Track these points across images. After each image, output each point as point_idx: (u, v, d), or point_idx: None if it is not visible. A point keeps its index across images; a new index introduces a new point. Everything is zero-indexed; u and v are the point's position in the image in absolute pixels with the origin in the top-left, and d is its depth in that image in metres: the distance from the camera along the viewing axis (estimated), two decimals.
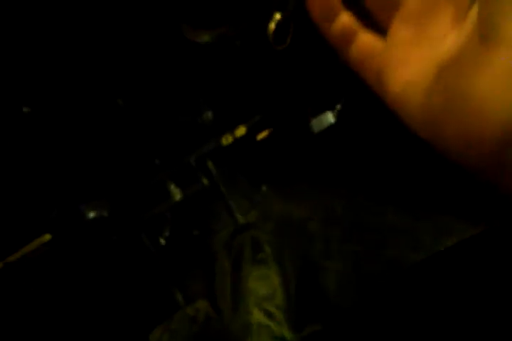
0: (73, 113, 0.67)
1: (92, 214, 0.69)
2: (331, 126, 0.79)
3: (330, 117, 0.79)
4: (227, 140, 0.77)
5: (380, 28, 0.32)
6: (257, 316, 0.78)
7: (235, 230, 0.81)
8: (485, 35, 0.23)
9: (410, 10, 0.29)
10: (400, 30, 0.29)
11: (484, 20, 0.23)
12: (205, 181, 0.75)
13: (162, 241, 0.74)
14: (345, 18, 0.31)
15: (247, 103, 0.79)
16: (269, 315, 0.78)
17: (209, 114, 0.75)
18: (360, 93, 0.74)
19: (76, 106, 0.66)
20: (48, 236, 0.68)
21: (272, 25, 0.39)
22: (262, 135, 0.82)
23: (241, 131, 0.78)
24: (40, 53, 0.57)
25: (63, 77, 0.62)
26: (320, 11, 0.31)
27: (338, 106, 0.79)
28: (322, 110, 0.80)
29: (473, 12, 0.25)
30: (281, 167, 0.85)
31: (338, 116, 0.79)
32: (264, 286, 0.80)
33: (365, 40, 0.31)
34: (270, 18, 0.39)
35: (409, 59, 0.27)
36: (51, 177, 0.68)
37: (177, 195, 0.73)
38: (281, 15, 0.39)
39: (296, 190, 0.86)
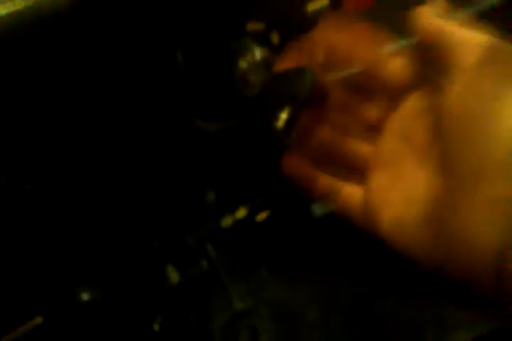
0: (73, 192, 0.67)
1: (85, 297, 0.67)
2: (332, 211, 0.79)
3: None
4: (227, 222, 0.77)
5: (358, 177, 0.34)
6: None
7: (232, 317, 0.78)
8: (450, 172, 0.24)
9: (379, 161, 0.32)
10: (375, 178, 0.31)
11: (444, 159, 0.25)
12: (203, 264, 0.74)
13: (156, 326, 0.72)
14: (323, 179, 0.34)
15: (248, 185, 0.80)
16: None
17: (211, 196, 0.76)
18: None
19: (76, 185, 0.67)
20: (39, 319, 0.66)
21: (280, 124, 0.40)
22: (261, 217, 0.82)
23: (241, 212, 0.78)
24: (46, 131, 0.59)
25: (68, 157, 0.63)
26: (297, 179, 0.34)
27: None
28: None
29: (434, 151, 0.26)
30: (281, 250, 0.84)
31: None
32: None
33: (347, 191, 0.33)
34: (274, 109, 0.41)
35: (391, 200, 0.29)
36: (45, 258, 0.67)
37: (174, 277, 0.72)
38: (288, 114, 0.40)
39: (296, 275, 0.84)
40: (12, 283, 0.66)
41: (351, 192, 0.34)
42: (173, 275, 0.72)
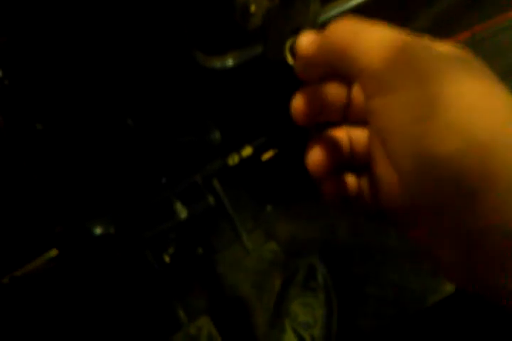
0: (82, 130, 0.68)
1: (98, 231, 0.69)
2: None
3: None
4: (233, 160, 0.78)
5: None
6: (290, 336, 0.78)
7: (296, 254, 0.82)
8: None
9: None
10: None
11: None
12: (210, 200, 0.75)
13: (167, 258, 0.75)
14: (349, 180, 0.33)
15: (253, 124, 0.80)
16: (301, 339, 0.79)
17: (216, 134, 0.77)
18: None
19: (86, 124, 0.67)
20: (54, 252, 0.69)
21: (288, 46, 0.40)
22: (267, 155, 0.83)
23: (247, 151, 0.79)
24: (54, 73, 0.59)
25: (75, 96, 0.64)
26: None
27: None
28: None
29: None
30: (286, 187, 0.86)
31: None
32: (306, 314, 0.81)
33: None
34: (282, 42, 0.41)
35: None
36: (59, 193, 0.69)
37: (183, 213, 0.74)
38: (292, 43, 0.40)
39: (300, 210, 0.87)
40: (29, 217, 0.68)
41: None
42: (182, 211, 0.73)
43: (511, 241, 0.21)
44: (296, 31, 0.41)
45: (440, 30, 0.76)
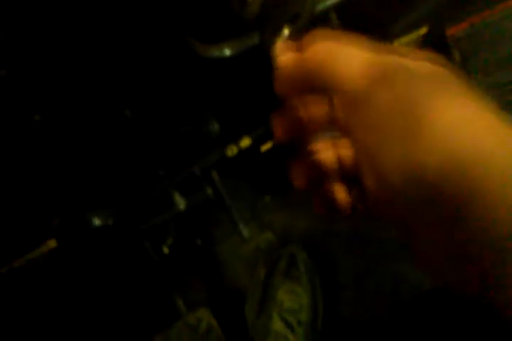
0: (80, 122, 0.68)
1: (97, 222, 0.70)
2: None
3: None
4: (231, 151, 0.78)
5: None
6: (277, 324, 0.79)
7: (279, 243, 0.82)
8: None
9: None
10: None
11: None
12: (209, 191, 0.75)
13: (165, 249, 0.75)
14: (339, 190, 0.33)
15: (251, 115, 0.80)
16: (288, 326, 0.79)
17: (215, 125, 0.77)
18: None
19: (84, 115, 0.67)
20: (53, 243, 0.69)
21: (281, 40, 0.40)
22: (266, 146, 0.83)
23: (246, 142, 0.79)
24: (51, 64, 0.59)
25: (73, 88, 0.63)
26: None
27: None
28: None
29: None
30: (284, 178, 0.85)
31: None
32: (291, 300, 0.82)
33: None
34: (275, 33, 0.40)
35: None
36: (58, 184, 0.69)
37: (181, 204, 0.74)
38: (290, 32, 0.40)
39: (298, 201, 0.87)
40: (27, 208, 0.68)
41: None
42: (180, 202, 0.74)
43: (496, 253, 0.22)
44: (294, 20, 0.40)
45: (439, 19, 0.76)
